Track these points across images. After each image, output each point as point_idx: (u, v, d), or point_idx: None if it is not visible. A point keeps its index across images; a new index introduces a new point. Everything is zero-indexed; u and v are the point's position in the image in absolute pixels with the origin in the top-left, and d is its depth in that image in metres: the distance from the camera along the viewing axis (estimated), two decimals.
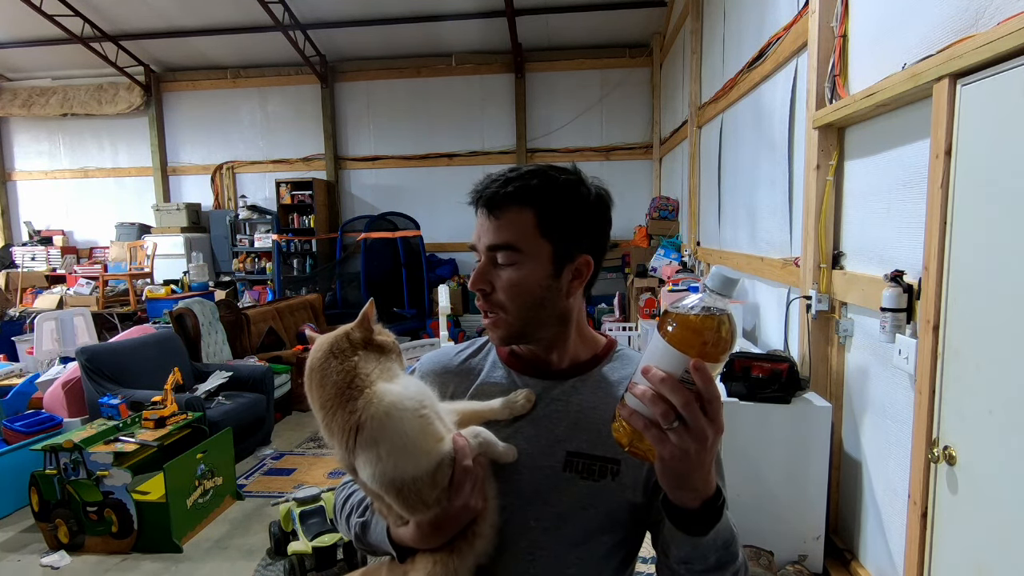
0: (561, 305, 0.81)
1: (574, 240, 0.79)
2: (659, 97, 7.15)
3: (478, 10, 6.77)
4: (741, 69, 3.49)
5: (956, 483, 1.46)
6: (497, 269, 0.78)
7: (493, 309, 0.79)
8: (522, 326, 0.79)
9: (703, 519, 0.64)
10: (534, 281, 0.77)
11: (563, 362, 0.84)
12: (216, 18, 7.03)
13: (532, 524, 0.78)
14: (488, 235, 0.78)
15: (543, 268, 0.77)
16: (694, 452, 0.57)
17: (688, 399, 0.55)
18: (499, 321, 0.79)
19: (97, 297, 6.65)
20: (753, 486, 2.14)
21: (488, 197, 0.77)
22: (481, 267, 0.79)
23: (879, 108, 1.85)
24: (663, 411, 0.56)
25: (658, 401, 0.56)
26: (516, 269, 0.77)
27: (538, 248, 0.77)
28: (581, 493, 0.77)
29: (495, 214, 0.77)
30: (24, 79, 8.44)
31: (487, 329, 0.82)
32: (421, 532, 0.71)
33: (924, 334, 1.57)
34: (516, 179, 0.77)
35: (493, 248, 0.78)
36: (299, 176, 8.03)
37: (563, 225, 0.77)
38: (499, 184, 0.77)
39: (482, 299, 0.80)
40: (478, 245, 0.80)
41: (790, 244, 2.79)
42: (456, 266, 8.07)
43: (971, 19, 1.46)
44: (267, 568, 2.57)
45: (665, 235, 5.82)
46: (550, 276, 0.78)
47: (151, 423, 2.95)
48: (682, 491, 0.63)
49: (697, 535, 0.65)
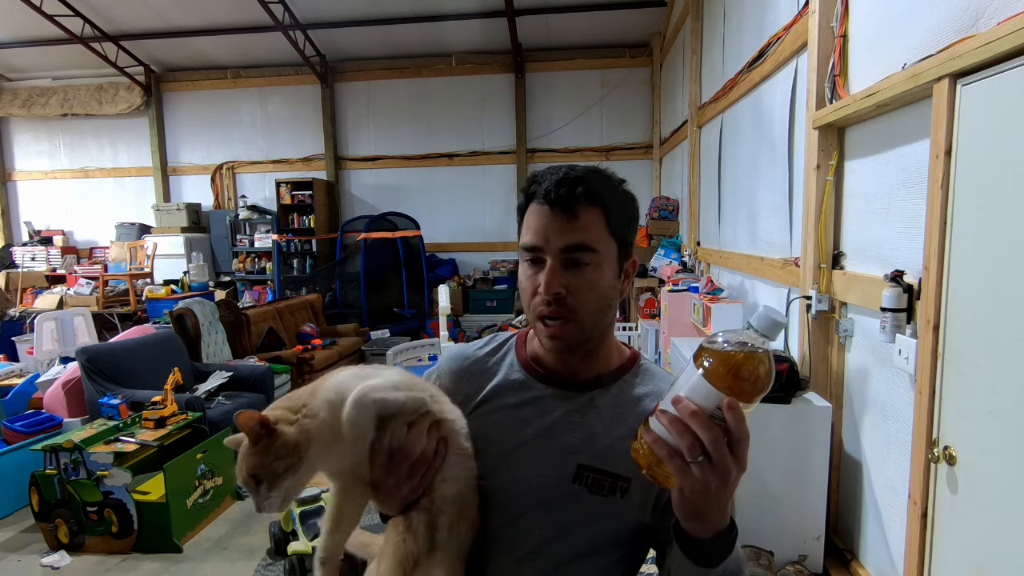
0: (616, 306, 0.80)
1: (630, 240, 0.79)
2: (659, 97, 7.15)
3: (478, 10, 6.77)
4: (741, 69, 3.49)
5: (956, 483, 1.46)
6: (571, 270, 0.73)
7: (564, 313, 0.74)
8: (592, 329, 0.76)
9: (714, 551, 0.63)
10: (607, 283, 0.76)
11: (591, 372, 0.81)
12: (216, 18, 7.03)
13: (536, 531, 0.77)
14: (564, 235, 0.73)
15: (612, 269, 0.76)
16: (715, 488, 0.56)
17: (717, 436, 0.54)
18: (570, 327, 0.75)
19: (97, 297, 6.65)
20: (753, 486, 2.14)
21: (565, 195, 0.73)
22: (554, 269, 0.73)
23: (879, 108, 1.85)
24: (689, 444, 0.55)
25: (686, 434, 0.55)
26: (593, 269, 0.74)
27: (610, 248, 0.75)
28: (587, 507, 0.76)
29: (572, 213, 0.73)
30: (24, 79, 8.44)
31: (550, 336, 0.76)
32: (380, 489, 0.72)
33: (924, 334, 1.57)
34: (583, 179, 0.74)
35: (572, 249, 0.73)
36: (299, 176, 8.03)
37: (624, 224, 0.77)
38: (570, 183, 0.73)
39: (555, 303, 0.73)
40: (546, 247, 0.73)
41: (790, 244, 2.79)
42: (456, 266, 8.07)
43: (971, 19, 1.46)
44: (267, 568, 2.57)
45: (665, 235, 5.82)
46: (616, 277, 0.77)
47: (151, 423, 2.95)
48: (697, 523, 0.62)
49: (705, 566, 0.64)
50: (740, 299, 3.55)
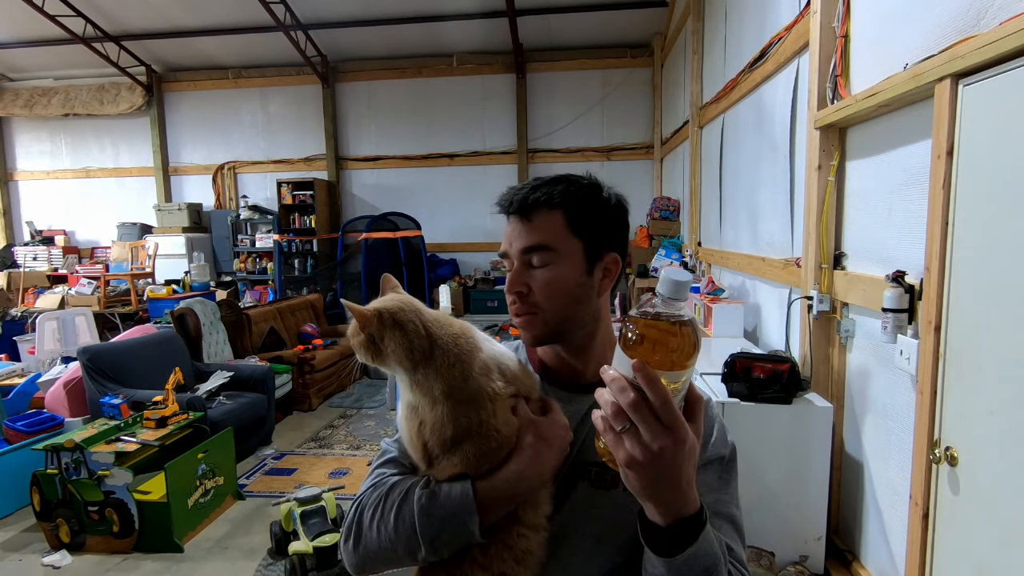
0: (594, 303, 0.82)
1: (602, 238, 0.81)
2: (660, 97, 7.14)
3: (479, 10, 6.77)
4: (742, 69, 3.49)
5: (957, 484, 1.46)
6: (532, 271, 0.79)
7: (529, 310, 0.79)
8: (558, 324, 0.80)
9: (672, 538, 0.60)
10: (570, 279, 0.79)
11: (587, 369, 0.84)
12: (218, 18, 7.04)
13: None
14: (521, 239, 0.79)
15: (577, 266, 0.79)
16: (648, 461, 0.55)
17: (636, 402, 0.54)
18: (534, 320, 0.80)
19: (98, 297, 6.66)
20: (754, 487, 2.14)
21: (518, 203, 0.79)
22: (516, 270, 0.80)
23: (881, 108, 1.85)
24: (613, 412, 0.55)
25: (609, 403, 0.56)
26: (551, 268, 0.78)
27: (570, 246, 0.79)
28: (588, 498, 0.77)
29: (527, 218, 0.79)
30: (26, 79, 8.46)
31: (520, 329, 0.82)
32: (534, 447, 0.72)
33: (925, 335, 1.57)
34: (542, 186, 0.80)
35: (527, 250, 0.79)
36: (300, 176, 8.04)
37: (591, 224, 0.80)
38: (527, 191, 0.80)
39: (518, 301, 0.80)
40: (510, 251, 0.81)
41: (791, 244, 2.79)
42: (457, 266, 8.07)
43: (973, 19, 1.46)
44: (268, 568, 2.57)
45: (666, 235, 5.82)
46: (584, 273, 0.80)
47: (152, 423, 2.95)
48: (650, 504, 0.60)
49: (664, 555, 0.61)
50: (741, 299, 3.55)
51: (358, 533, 0.75)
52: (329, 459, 3.77)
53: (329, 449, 3.97)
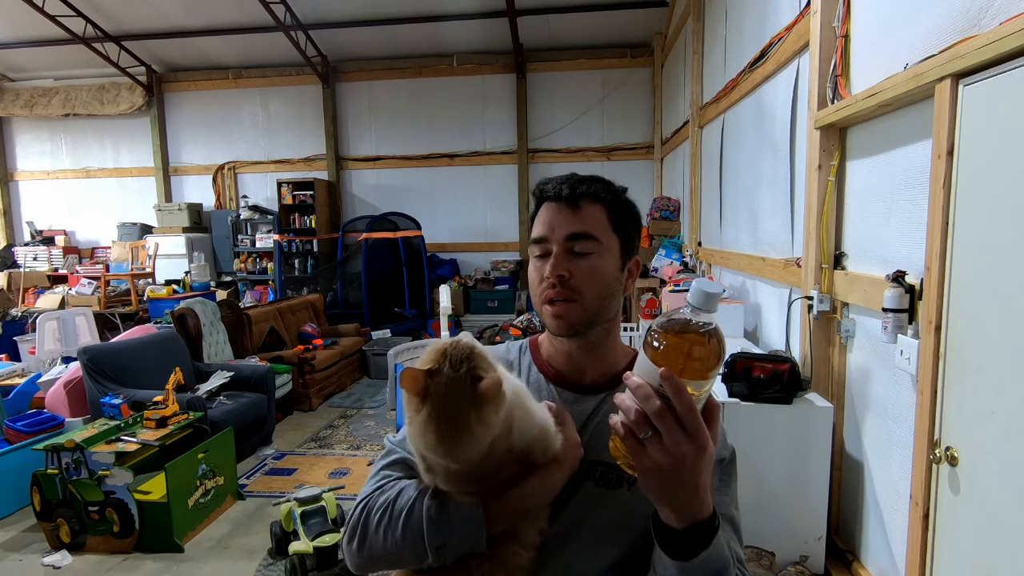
0: (619, 300, 0.84)
1: (633, 239, 0.85)
2: (660, 97, 7.14)
3: (479, 10, 6.77)
4: (743, 69, 3.49)
5: (958, 484, 1.46)
6: (575, 258, 0.80)
7: (570, 295, 0.79)
8: (594, 313, 0.81)
9: (688, 542, 0.61)
10: (608, 272, 0.81)
11: (597, 370, 0.85)
12: (218, 18, 7.04)
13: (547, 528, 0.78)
14: (567, 225, 0.80)
15: (614, 260, 0.82)
16: (670, 467, 0.55)
17: (661, 410, 0.54)
18: (573, 307, 0.79)
19: (99, 297, 6.66)
20: (754, 487, 2.14)
21: (567, 193, 0.81)
22: (558, 255, 0.80)
23: (881, 108, 1.84)
24: (636, 419, 0.55)
25: (632, 409, 0.56)
26: (595, 258, 0.80)
27: (611, 241, 0.82)
28: (592, 496, 0.77)
29: (576, 206, 0.81)
30: (26, 79, 8.46)
31: (554, 316, 0.80)
32: (547, 467, 0.70)
33: (926, 335, 1.57)
34: (586, 180, 0.83)
35: (573, 237, 0.80)
36: (300, 176, 8.04)
37: (626, 224, 0.83)
38: (573, 182, 0.82)
39: (559, 285, 0.79)
40: (552, 236, 0.81)
41: (792, 244, 2.79)
42: (457, 266, 8.07)
43: (973, 19, 1.46)
44: (268, 568, 2.57)
45: (666, 235, 5.81)
46: (619, 269, 0.83)
47: (152, 423, 2.96)
48: (666, 508, 0.61)
49: (678, 558, 0.62)
50: (741, 299, 3.55)
51: (363, 535, 0.74)
52: (329, 459, 3.78)
53: (329, 449, 3.97)
